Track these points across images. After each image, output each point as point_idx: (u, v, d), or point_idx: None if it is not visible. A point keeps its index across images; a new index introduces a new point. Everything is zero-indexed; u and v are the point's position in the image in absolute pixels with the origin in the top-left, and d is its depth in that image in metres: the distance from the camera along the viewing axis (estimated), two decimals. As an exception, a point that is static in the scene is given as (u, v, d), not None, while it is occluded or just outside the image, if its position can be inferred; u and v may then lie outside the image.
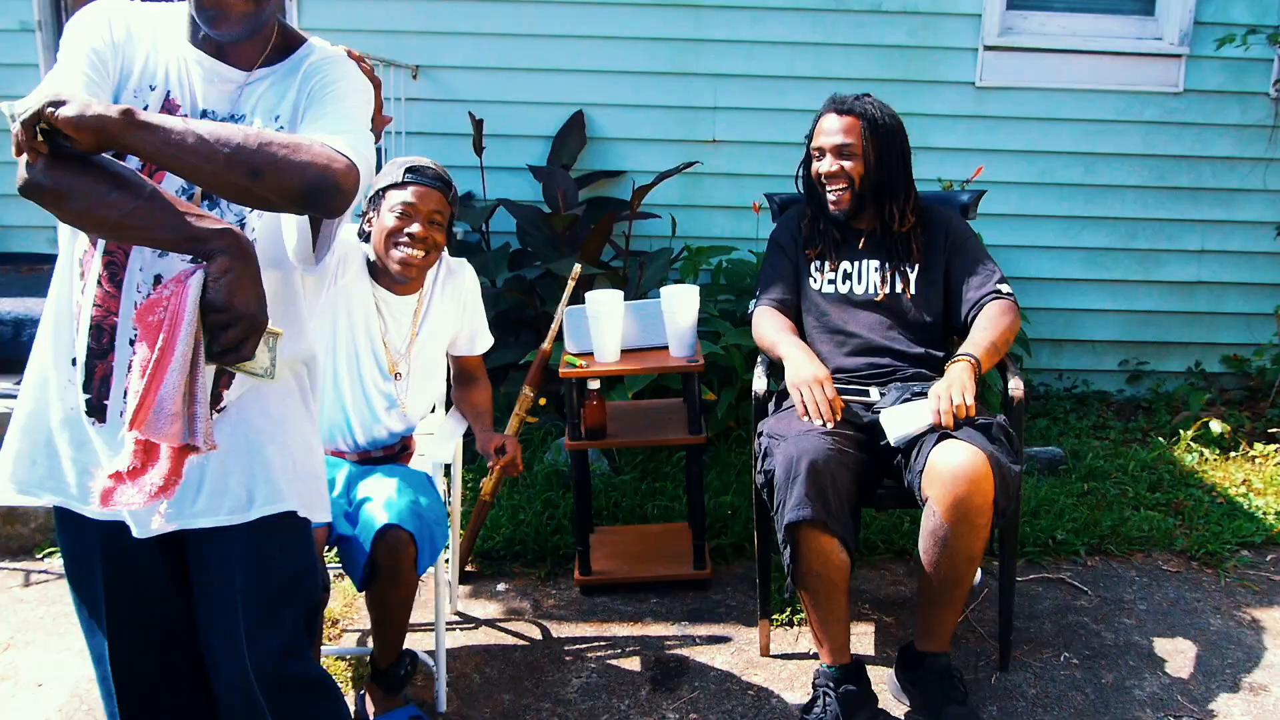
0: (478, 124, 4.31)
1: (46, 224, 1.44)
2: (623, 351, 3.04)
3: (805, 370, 2.50)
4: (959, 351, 2.53)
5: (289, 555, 1.65)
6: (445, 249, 2.49)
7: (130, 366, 1.37)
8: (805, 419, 2.43)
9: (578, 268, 3.10)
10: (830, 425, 2.39)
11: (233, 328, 1.31)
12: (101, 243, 1.47)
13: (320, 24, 4.30)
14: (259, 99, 1.50)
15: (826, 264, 2.72)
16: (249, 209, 1.49)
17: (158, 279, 1.45)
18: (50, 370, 1.54)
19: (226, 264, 1.30)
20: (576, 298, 3.11)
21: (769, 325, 2.71)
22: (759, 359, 2.80)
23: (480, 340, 2.72)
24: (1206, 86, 4.52)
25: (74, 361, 1.51)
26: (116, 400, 1.49)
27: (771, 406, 2.68)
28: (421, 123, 4.46)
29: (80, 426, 1.53)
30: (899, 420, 2.40)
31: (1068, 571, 3.19)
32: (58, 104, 1.25)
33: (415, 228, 2.36)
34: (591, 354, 3.02)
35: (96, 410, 1.50)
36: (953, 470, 2.25)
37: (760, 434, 2.53)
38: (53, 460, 1.55)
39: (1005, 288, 2.64)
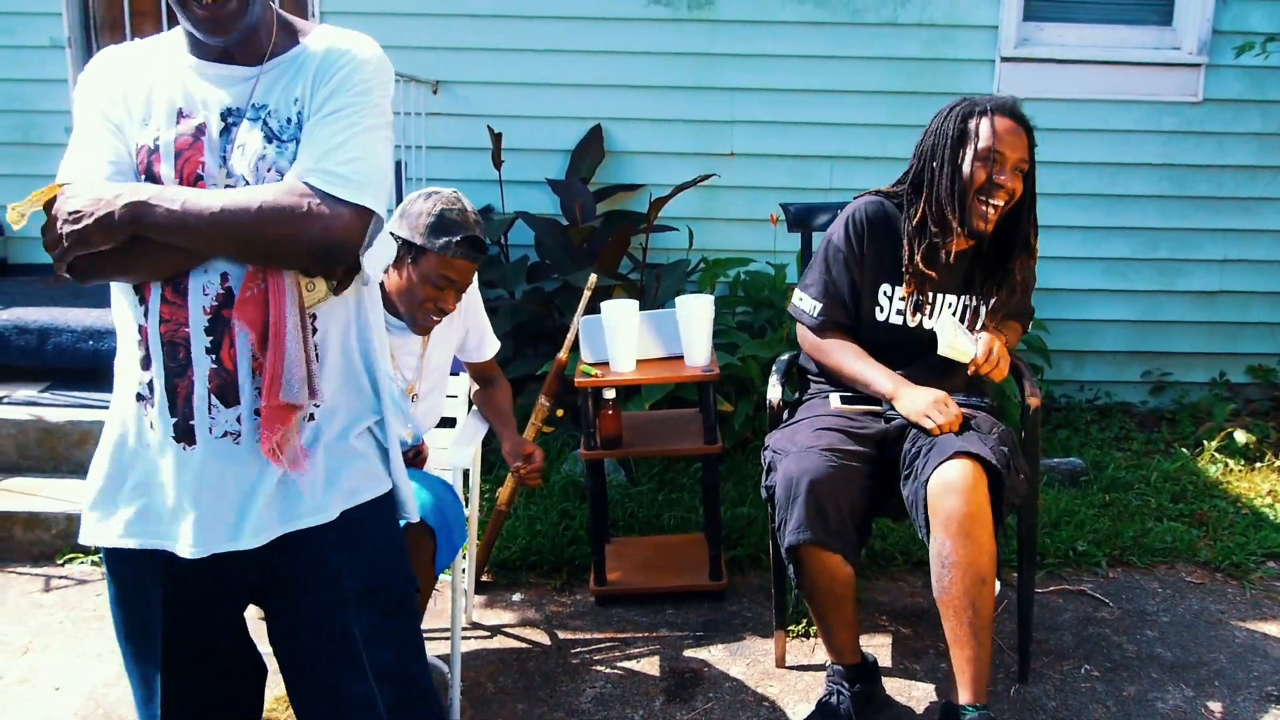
0: (497, 138, 4.34)
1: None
2: (638, 361, 3.04)
3: (921, 399, 2.39)
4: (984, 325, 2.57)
5: (386, 535, 1.60)
6: None
7: (217, 365, 1.43)
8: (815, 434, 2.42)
9: (593, 278, 3.11)
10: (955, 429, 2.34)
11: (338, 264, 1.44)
12: None
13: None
14: (275, 87, 1.47)
15: (900, 293, 2.54)
16: None
17: (224, 275, 1.42)
18: (130, 413, 1.49)
19: None
20: (593, 309, 3.12)
21: (848, 356, 2.54)
22: (774, 368, 2.79)
23: (487, 344, 2.71)
24: (1226, 95, 4.50)
25: (150, 387, 1.45)
26: (204, 419, 1.44)
27: (786, 415, 2.67)
28: (442, 137, 4.50)
29: (158, 460, 1.47)
30: (952, 336, 2.43)
31: (1089, 583, 3.15)
32: (70, 222, 1.36)
33: (449, 302, 2.32)
34: (607, 363, 3.03)
35: (185, 433, 1.45)
36: (943, 484, 2.23)
37: (766, 447, 2.52)
38: (140, 502, 1.50)
39: (1029, 321, 2.79)
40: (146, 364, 1.46)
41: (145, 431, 1.48)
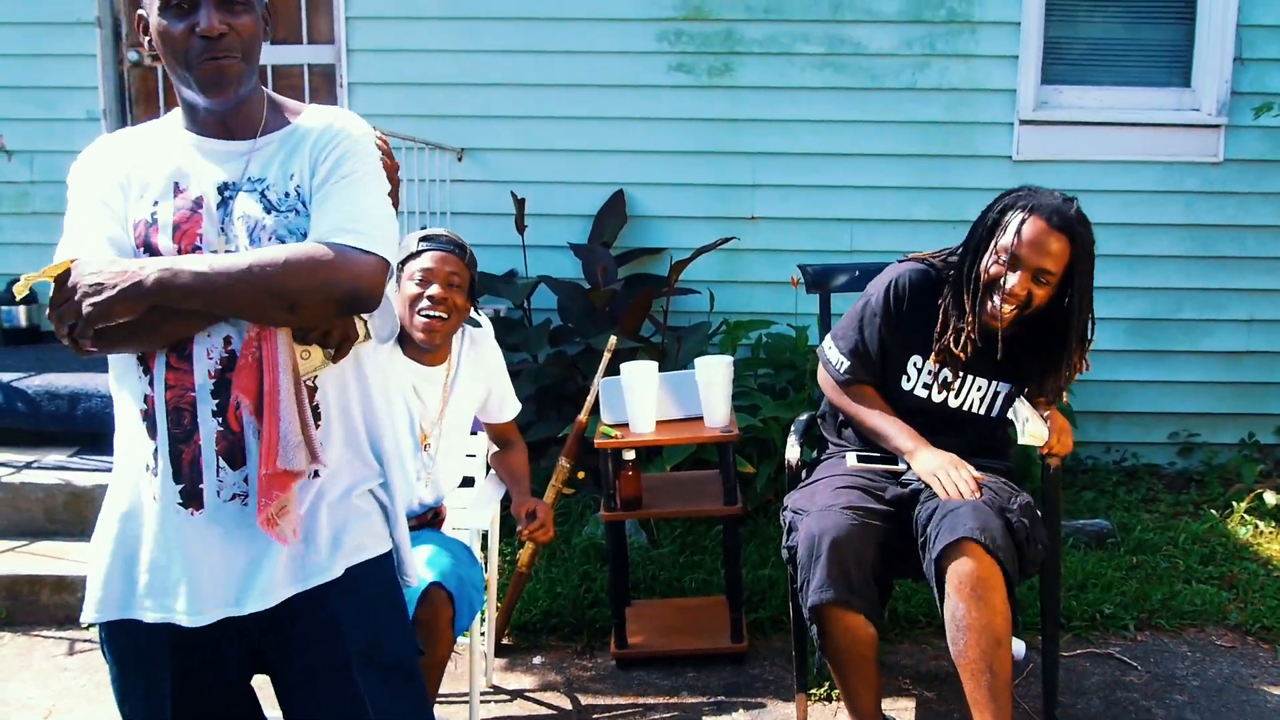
0: (520, 203, 4.42)
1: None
2: (658, 423, 3.05)
3: (935, 460, 2.40)
4: (1045, 397, 2.53)
5: (386, 592, 1.62)
6: (469, 319, 2.54)
7: (224, 427, 1.45)
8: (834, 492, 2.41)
9: (613, 339, 3.14)
10: (976, 496, 2.30)
11: (333, 330, 1.49)
12: None
13: (370, 110, 4.45)
14: (272, 162, 1.53)
15: (928, 366, 2.51)
16: None
17: (227, 339, 1.46)
18: (137, 485, 1.51)
19: None
20: (614, 371, 3.14)
21: (869, 410, 2.54)
22: (793, 428, 2.79)
23: (508, 406, 2.75)
24: (1247, 156, 4.51)
25: (155, 454, 1.47)
26: (211, 481, 1.47)
27: (804, 475, 2.67)
28: (466, 203, 4.58)
29: (164, 529, 1.48)
30: (1033, 426, 2.44)
31: (1116, 646, 3.10)
32: (92, 295, 1.38)
33: (434, 289, 2.41)
34: (627, 425, 3.04)
35: (193, 498, 1.47)
36: (954, 547, 2.22)
37: (785, 508, 2.52)
38: (136, 573, 1.51)
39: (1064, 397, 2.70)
40: (153, 433, 1.48)
41: (150, 502, 1.49)
